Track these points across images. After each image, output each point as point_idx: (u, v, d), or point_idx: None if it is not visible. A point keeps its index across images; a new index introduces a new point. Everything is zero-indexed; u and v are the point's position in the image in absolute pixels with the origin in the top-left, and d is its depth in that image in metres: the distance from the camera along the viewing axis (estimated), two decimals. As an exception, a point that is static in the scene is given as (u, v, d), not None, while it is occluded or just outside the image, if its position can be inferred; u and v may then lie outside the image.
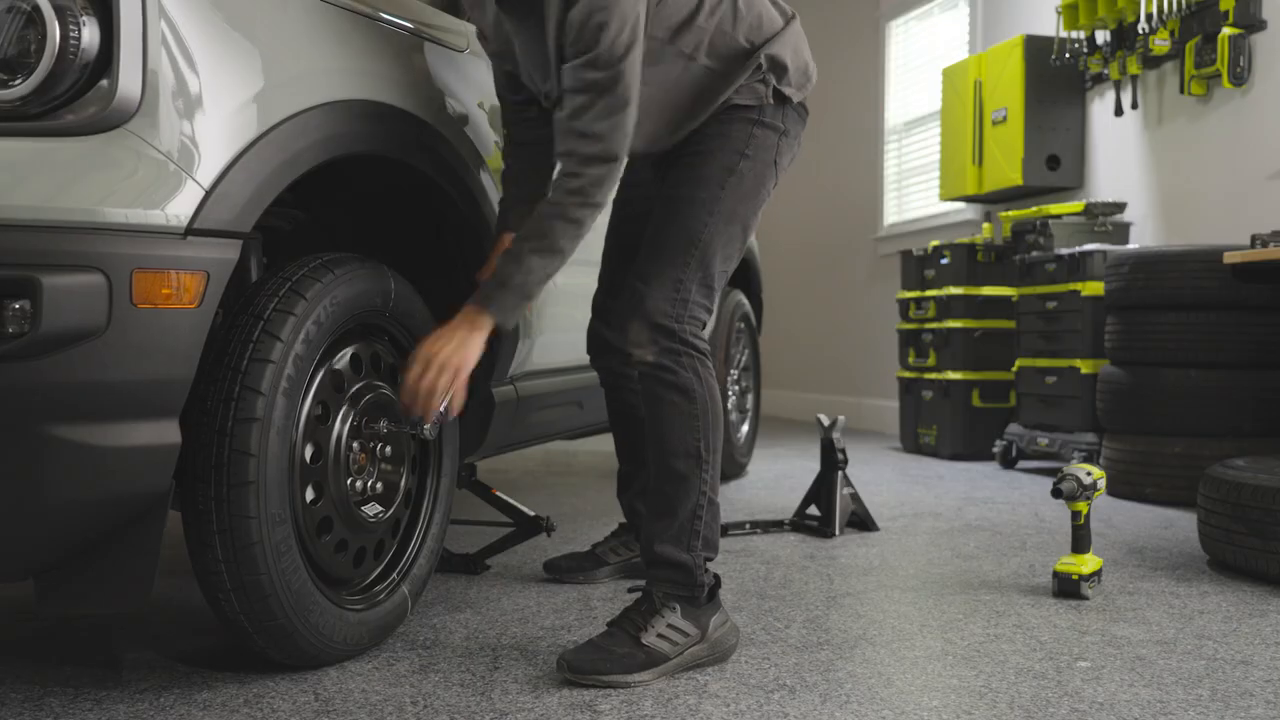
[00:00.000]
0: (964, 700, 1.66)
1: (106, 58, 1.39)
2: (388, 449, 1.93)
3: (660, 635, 1.76)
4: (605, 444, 4.96)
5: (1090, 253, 4.24)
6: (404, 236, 2.19)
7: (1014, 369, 4.66)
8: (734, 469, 4.13)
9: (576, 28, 1.68)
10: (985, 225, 5.52)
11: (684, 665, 1.78)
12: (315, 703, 1.63)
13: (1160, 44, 4.27)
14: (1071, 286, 4.30)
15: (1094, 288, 4.21)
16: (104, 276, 1.36)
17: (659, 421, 1.82)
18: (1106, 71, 4.74)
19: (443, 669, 1.79)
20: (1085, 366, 4.22)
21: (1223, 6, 4.05)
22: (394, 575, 1.96)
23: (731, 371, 4.02)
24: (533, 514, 2.55)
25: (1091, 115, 4.97)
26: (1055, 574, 2.34)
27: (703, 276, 1.82)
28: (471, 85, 2.14)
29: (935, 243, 5.12)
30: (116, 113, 1.39)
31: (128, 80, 1.40)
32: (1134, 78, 4.56)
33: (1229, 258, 3.36)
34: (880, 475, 4.39)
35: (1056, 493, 2.34)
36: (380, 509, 1.89)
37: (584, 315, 2.47)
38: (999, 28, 5.54)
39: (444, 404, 1.73)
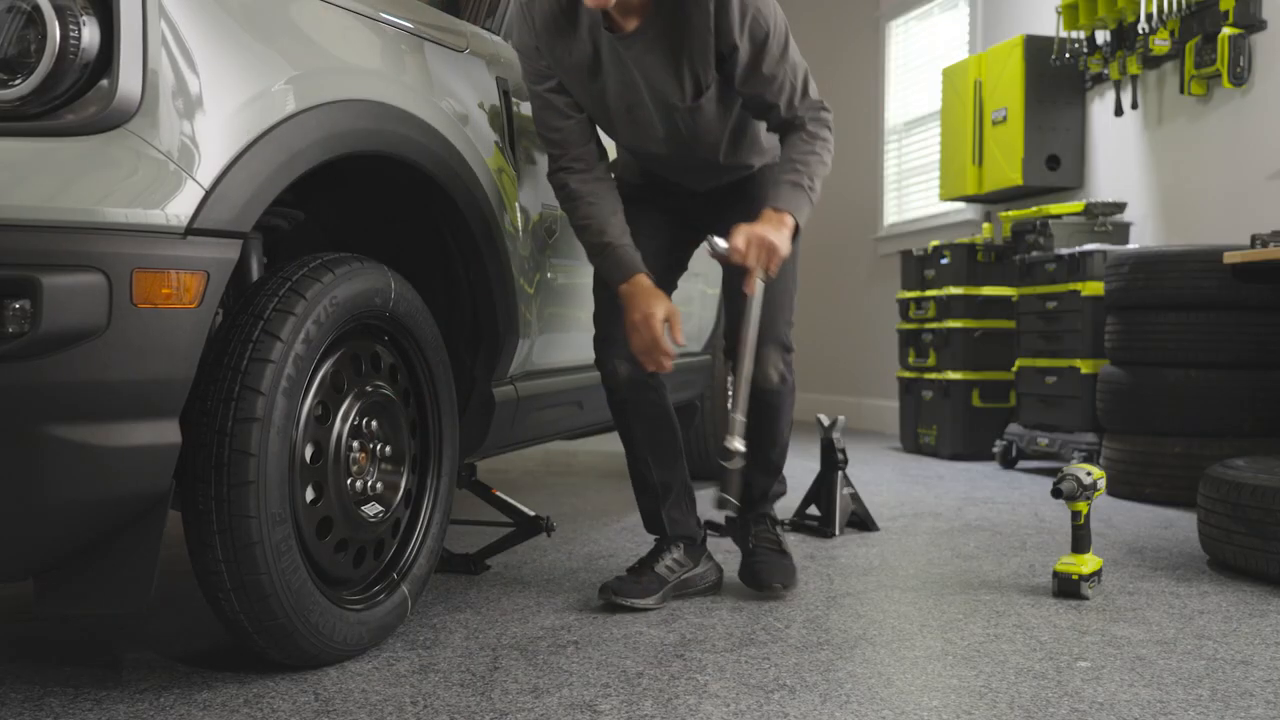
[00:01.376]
0: (964, 700, 1.66)
1: (106, 58, 1.39)
2: (387, 449, 1.93)
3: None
4: (605, 444, 4.97)
5: (1090, 253, 4.24)
6: (404, 236, 2.19)
7: (1014, 369, 4.66)
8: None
9: (741, 24, 2.00)
10: (985, 225, 5.53)
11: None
12: (315, 703, 1.63)
13: (1160, 44, 4.27)
14: (1071, 286, 4.30)
15: (1094, 288, 4.21)
16: (104, 276, 1.35)
17: (780, 421, 2.36)
18: (1106, 71, 4.74)
19: (443, 669, 1.79)
20: (1085, 366, 4.22)
21: (1223, 6, 4.05)
22: (394, 575, 1.96)
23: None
24: (533, 514, 2.55)
25: (1091, 115, 4.97)
26: (1055, 574, 2.34)
27: (793, 306, 2.38)
28: (471, 85, 2.14)
29: (935, 243, 5.12)
30: (116, 113, 1.39)
31: (128, 80, 1.40)
32: (1134, 78, 4.56)
33: (1229, 258, 3.37)
34: (880, 475, 4.39)
35: (1056, 493, 2.34)
36: (380, 509, 1.89)
37: (584, 315, 2.48)
38: (999, 28, 5.54)
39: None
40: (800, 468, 4.47)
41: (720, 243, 2.08)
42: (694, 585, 2.31)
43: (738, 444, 2.03)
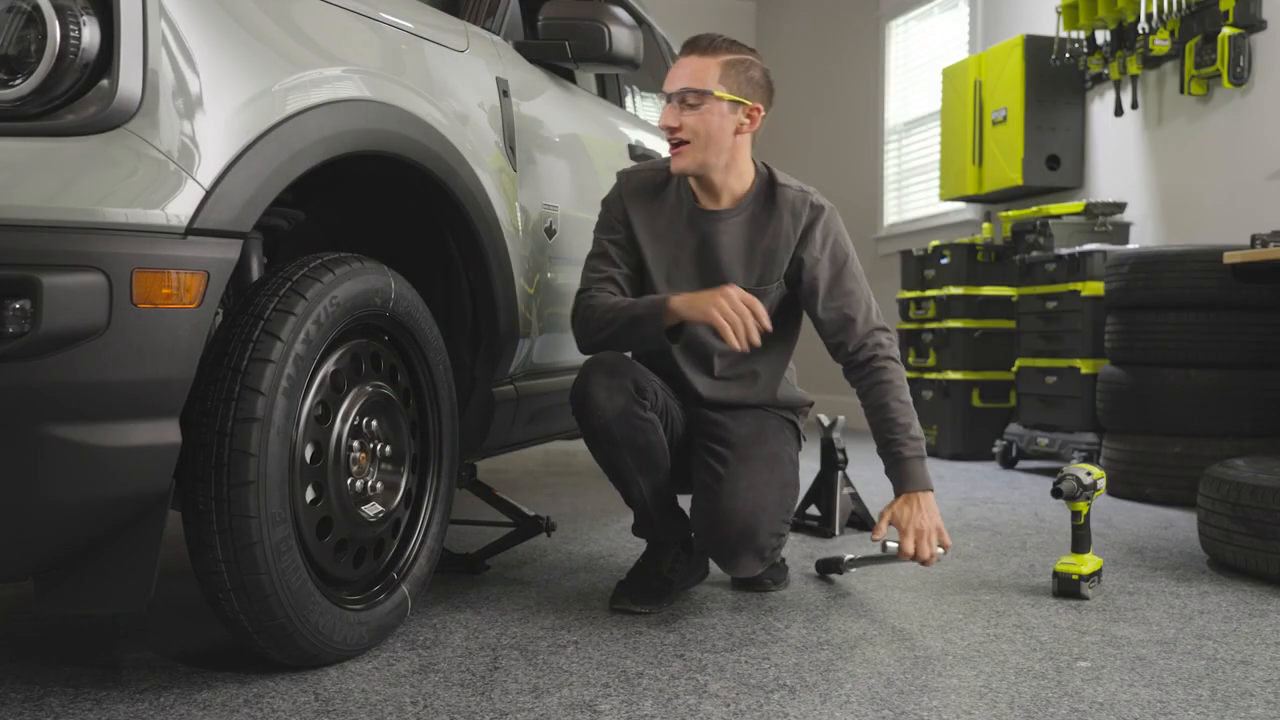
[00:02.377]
0: (964, 700, 1.66)
1: (107, 57, 1.39)
2: (387, 449, 1.93)
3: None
4: (605, 444, 4.96)
5: (1090, 253, 4.24)
6: (404, 236, 2.18)
7: (1014, 369, 4.66)
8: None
9: (823, 245, 2.21)
10: (985, 225, 5.53)
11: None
12: (315, 703, 1.63)
13: (1160, 44, 4.27)
14: (1071, 286, 4.30)
15: (1094, 288, 4.21)
16: (104, 276, 1.35)
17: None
18: (1106, 71, 4.74)
19: (443, 669, 1.79)
20: (1085, 366, 4.22)
21: (1223, 6, 4.05)
22: (394, 575, 1.96)
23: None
24: (533, 514, 2.55)
25: (1091, 115, 4.97)
26: (1055, 574, 2.34)
27: (790, 505, 2.29)
28: (471, 85, 2.14)
29: (935, 243, 5.13)
30: (117, 112, 1.39)
31: (128, 80, 1.39)
32: (1134, 78, 4.56)
33: (1229, 258, 3.37)
34: (880, 475, 4.37)
35: (1056, 493, 2.34)
36: (380, 509, 1.89)
37: (584, 315, 2.47)
38: (999, 28, 5.54)
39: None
40: (800, 468, 4.46)
41: (892, 545, 2.22)
42: (690, 579, 2.32)
43: (891, 545, 2.22)
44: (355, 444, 1.84)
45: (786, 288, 2.26)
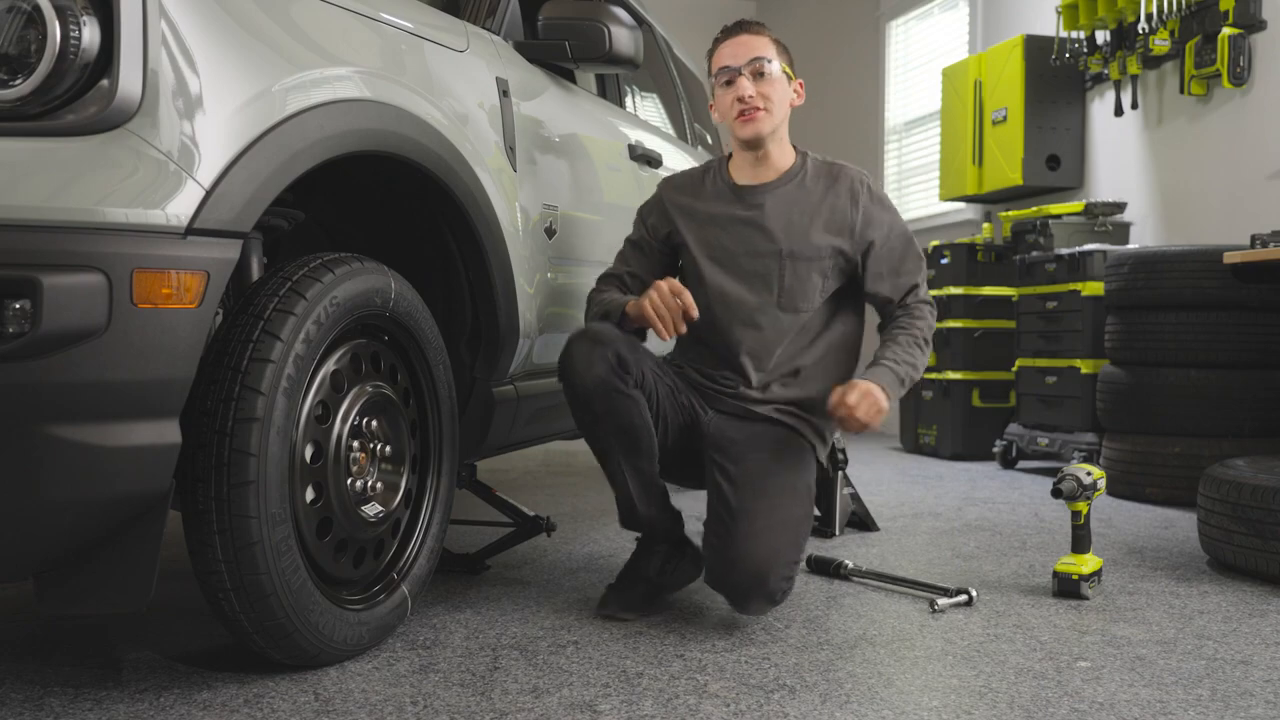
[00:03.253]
0: (964, 700, 1.66)
1: (107, 58, 1.39)
2: (387, 449, 1.93)
3: None
4: (605, 444, 4.97)
5: (1090, 253, 4.24)
6: (404, 236, 2.19)
7: (1014, 369, 4.66)
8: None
9: (883, 221, 2.28)
10: (985, 225, 5.53)
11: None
12: (315, 703, 1.63)
13: (1160, 44, 4.27)
14: (1071, 286, 4.30)
15: (1094, 288, 4.21)
16: (104, 276, 1.35)
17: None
18: (1106, 71, 4.74)
19: (443, 669, 1.79)
20: (1085, 366, 4.22)
21: (1223, 6, 4.05)
22: (394, 575, 1.96)
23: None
24: (533, 514, 2.55)
25: (1091, 115, 4.97)
26: (1055, 574, 2.34)
27: (803, 544, 2.24)
28: (471, 85, 2.14)
29: (935, 243, 5.13)
30: (117, 112, 1.39)
31: (128, 80, 1.39)
32: (1134, 78, 4.56)
33: (1229, 258, 3.36)
34: (880, 475, 4.39)
35: (1056, 493, 2.34)
36: (380, 509, 1.89)
37: (584, 316, 2.47)
38: (999, 28, 5.54)
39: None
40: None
41: (942, 602, 2.23)
42: (684, 578, 2.26)
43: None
44: (355, 444, 1.84)
45: (845, 264, 2.27)
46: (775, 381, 2.26)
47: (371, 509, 1.87)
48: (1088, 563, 2.33)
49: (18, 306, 1.30)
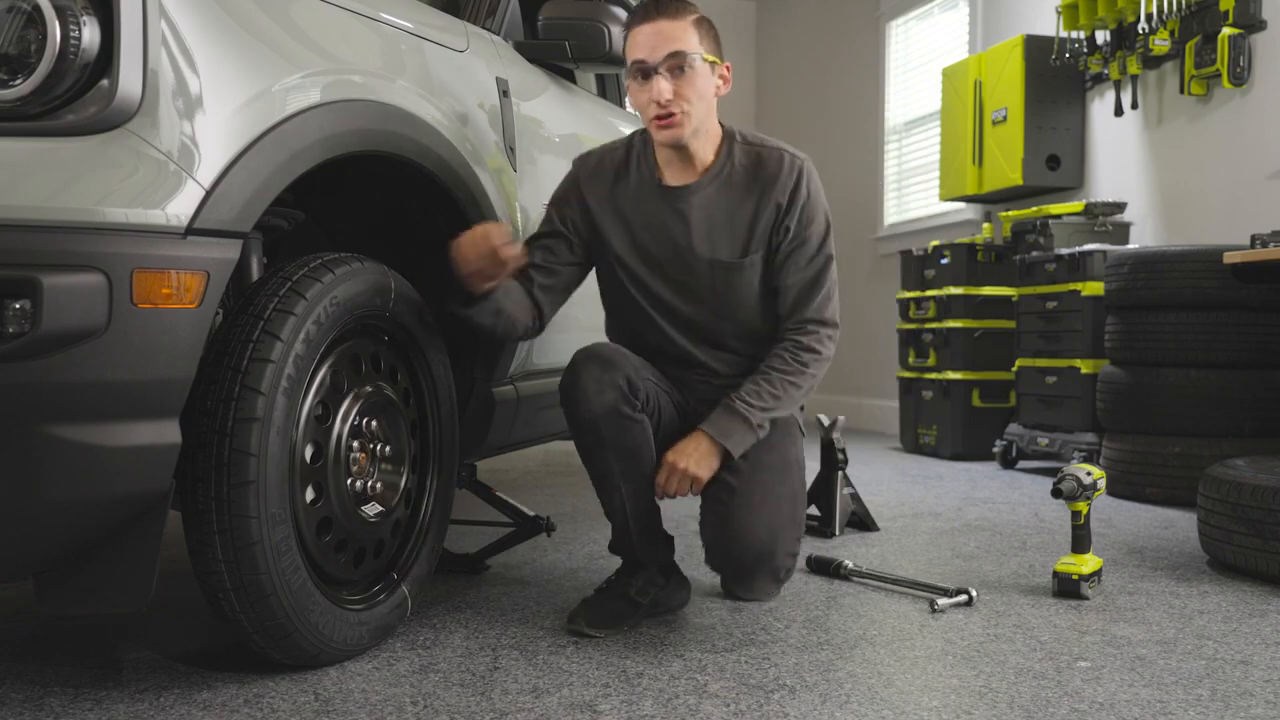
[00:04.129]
0: (964, 700, 1.66)
1: (107, 58, 1.39)
2: (387, 449, 1.93)
3: None
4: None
5: (1090, 253, 4.24)
6: (404, 236, 2.19)
7: (1014, 369, 4.66)
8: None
9: (802, 220, 2.11)
10: (985, 225, 5.52)
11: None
12: (315, 703, 1.63)
13: (1160, 44, 4.27)
14: (1071, 286, 4.30)
15: (1094, 288, 4.21)
16: (104, 276, 1.35)
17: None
18: (1106, 71, 4.74)
19: (443, 669, 1.79)
20: (1085, 366, 4.22)
21: (1223, 6, 4.05)
22: (394, 575, 1.96)
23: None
24: (533, 514, 2.55)
25: (1091, 115, 4.97)
26: (1055, 574, 2.34)
27: (801, 521, 2.26)
28: (471, 85, 2.14)
29: (935, 243, 5.13)
30: (117, 112, 1.39)
31: (128, 80, 1.39)
32: (1134, 78, 4.56)
33: (1229, 258, 3.36)
34: (880, 475, 4.39)
35: (1056, 493, 2.34)
36: (380, 509, 1.89)
37: (585, 315, 2.47)
38: (999, 28, 5.54)
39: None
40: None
41: (943, 602, 2.21)
42: (665, 604, 2.14)
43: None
44: (355, 444, 1.84)
45: (770, 256, 2.15)
46: (742, 360, 2.20)
47: (371, 509, 1.87)
48: (1088, 563, 2.33)
49: (18, 306, 1.30)
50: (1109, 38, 4.62)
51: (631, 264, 2.16)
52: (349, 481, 1.82)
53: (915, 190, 6.45)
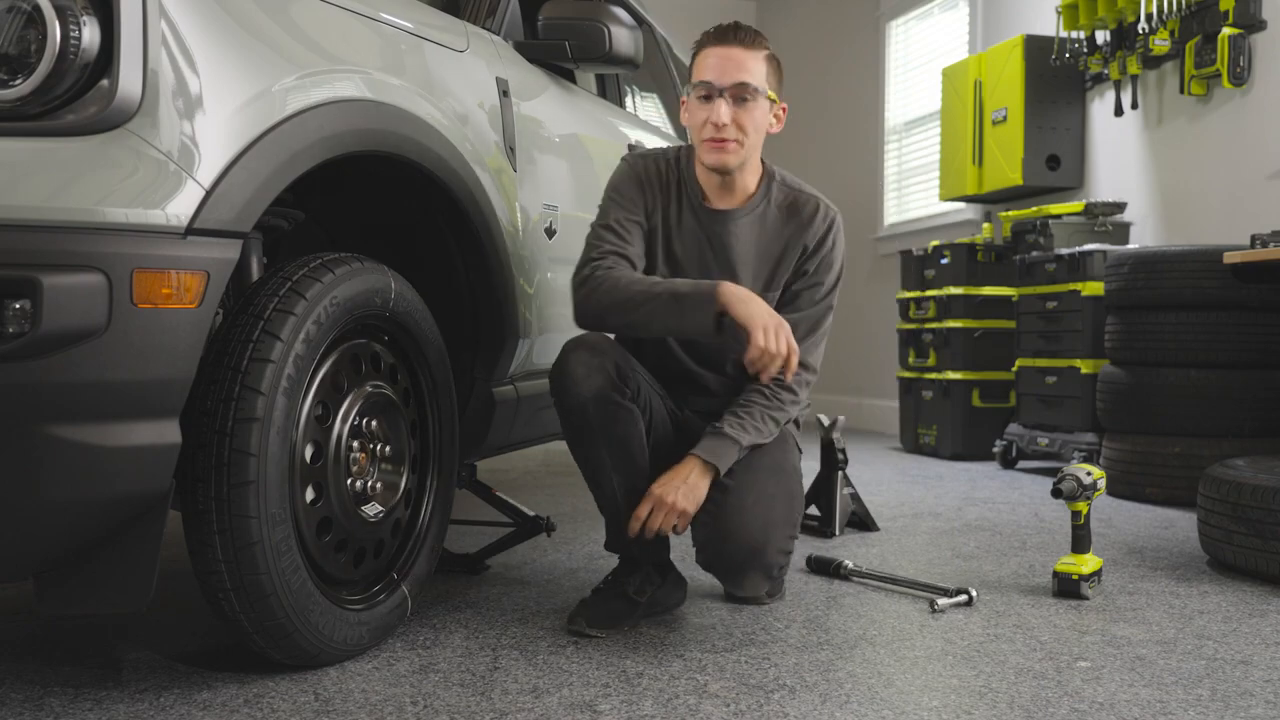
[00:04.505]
0: (964, 700, 1.66)
1: (107, 58, 1.39)
2: (387, 449, 1.93)
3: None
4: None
5: (1090, 253, 4.24)
6: (404, 236, 2.18)
7: (1014, 369, 4.66)
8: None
9: (821, 266, 2.17)
10: (985, 225, 5.53)
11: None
12: (315, 703, 1.63)
13: (1160, 44, 4.27)
14: (1071, 286, 4.30)
15: (1094, 288, 4.21)
16: (104, 276, 1.35)
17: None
18: (1106, 71, 4.74)
19: (443, 669, 1.79)
20: (1085, 366, 4.22)
21: (1223, 6, 4.05)
22: (394, 575, 1.96)
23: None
24: (533, 514, 2.55)
25: (1091, 115, 4.97)
26: (1055, 574, 2.34)
27: (797, 519, 2.24)
28: (471, 85, 2.14)
29: (935, 243, 5.13)
30: (117, 112, 1.39)
31: (128, 80, 1.39)
32: (1134, 78, 4.56)
33: (1229, 258, 3.36)
34: (880, 475, 4.39)
35: (1056, 493, 2.34)
36: (380, 509, 1.89)
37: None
38: (999, 28, 5.54)
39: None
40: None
41: (942, 602, 2.22)
42: (662, 603, 2.14)
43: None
44: (355, 444, 1.84)
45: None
46: (734, 384, 2.21)
47: (371, 509, 1.87)
48: (1088, 563, 2.33)
49: (18, 306, 1.30)
50: (1109, 38, 4.62)
51: (660, 269, 2.18)
52: (349, 481, 1.82)
53: (915, 190, 6.45)
